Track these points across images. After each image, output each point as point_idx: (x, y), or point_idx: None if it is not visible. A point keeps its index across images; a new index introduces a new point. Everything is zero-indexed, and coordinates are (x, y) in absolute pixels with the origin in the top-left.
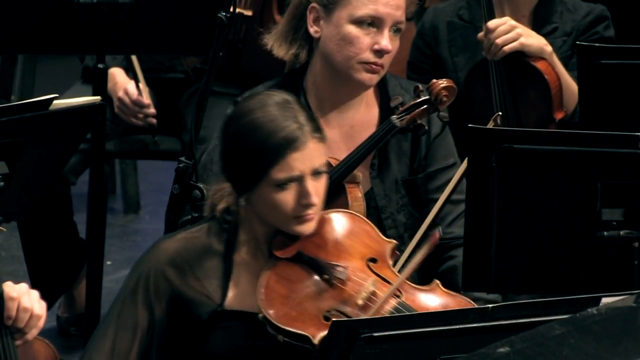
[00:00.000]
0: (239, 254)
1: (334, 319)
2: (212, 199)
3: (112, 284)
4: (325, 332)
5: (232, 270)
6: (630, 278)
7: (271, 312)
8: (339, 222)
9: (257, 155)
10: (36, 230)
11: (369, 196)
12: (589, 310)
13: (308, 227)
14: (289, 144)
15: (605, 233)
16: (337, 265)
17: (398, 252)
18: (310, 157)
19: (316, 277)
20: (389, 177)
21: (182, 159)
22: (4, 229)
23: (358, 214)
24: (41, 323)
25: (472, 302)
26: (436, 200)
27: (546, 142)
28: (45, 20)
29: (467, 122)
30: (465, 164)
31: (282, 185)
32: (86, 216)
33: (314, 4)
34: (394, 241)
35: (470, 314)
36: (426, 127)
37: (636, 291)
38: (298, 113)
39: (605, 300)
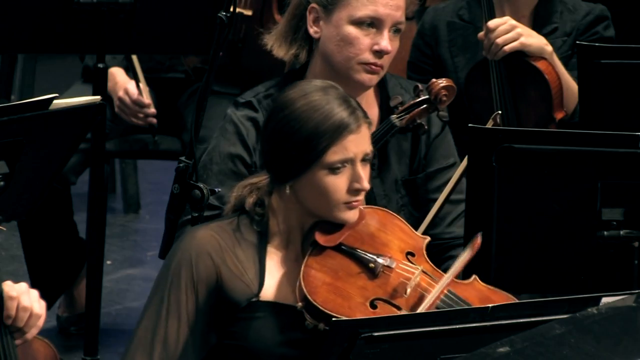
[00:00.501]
0: (271, 245)
1: (333, 319)
2: (240, 193)
3: (112, 284)
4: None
5: (266, 260)
6: (630, 278)
7: (317, 298)
8: (374, 217)
9: (312, 139)
10: (36, 229)
11: (369, 196)
12: (589, 309)
13: (354, 215)
14: (345, 127)
15: (606, 233)
16: (382, 255)
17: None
18: (363, 141)
19: (360, 266)
20: (389, 177)
21: (182, 158)
22: (4, 229)
23: (389, 211)
24: (41, 322)
25: (511, 296)
26: (436, 200)
27: (546, 142)
28: (45, 20)
29: (467, 122)
30: (464, 163)
31: (335, 168)
32: (86, 216)
33: (313, 5)
34: (428, 237)
35: (470, 313)
36: (426, 127)
37: (636, 291)
38: (347, 97)
39: (605, 300)
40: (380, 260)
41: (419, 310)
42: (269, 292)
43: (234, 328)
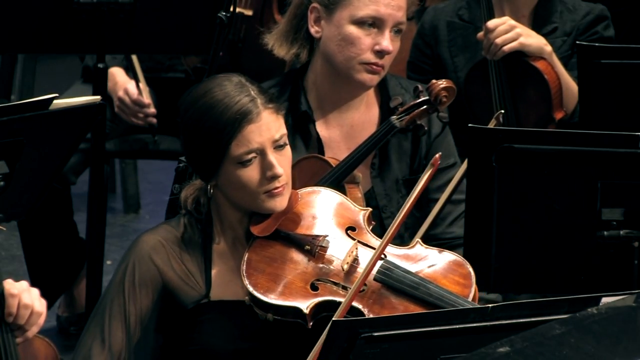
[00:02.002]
0: (217, 244)
1: (333, 319)
2: (185, 195)
3: None
4: (314, 301)
5: (213, 260)
6: (630, 278)
7: (257, 289)
8: (312, 198)
9: (214, 134)
10: (36, 229)
11: (369, 195)
12: (589, 309)
13: (280, 203)
14: (243, 117)
15: (605, 233)
16: (317, 236)
17: (374, 222)
18: (268, 129)
19: (297, 250)
20: (390, 177)
21: (182, 158)
22: (4, 229)
23: (328, 189)
24: (41, 320)
25: (457, 255)
26: (436, 199)
27: (546, 142)
28: (45, 20)
29: (467, 122)
30: (466, 164)
31: (244, 162)
32: (86, 216)
33: (315, 4)
34: (369, 208)
35: (470, 313)
36: (426, 128)
37: (636, 291)
38: (248, 87)
39: (605, 299)
40: (316, 240)
41: (354, 283)
42: (218, 291)
43: (190, 332)
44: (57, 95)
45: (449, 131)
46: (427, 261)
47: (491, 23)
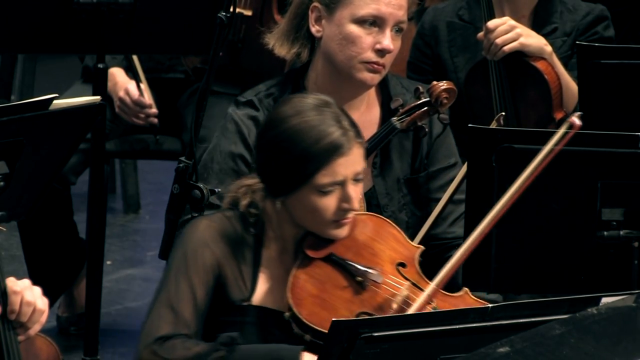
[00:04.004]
0: (266, 250)
1: (333, 319)
2: (235, 193)
3: (112, 284)
4: None
5: (261, 266)
6: (630, 278)
7: (302, 311)
8: (368, 225)
9: (301, 160)
10: (36, 230)
11: (370, 194)
12: (589, 310)
13: (344, 232)
14: (335, 150)
15: (605, 233)
16: (370, 268)
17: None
18: (354, 163)
19: (348, 279)
20: (391, 176)
21: (182, 158)
22: (4, 229)
23: (384, 218)
24: (44, 318)
25: None
26: (438, 199)
27: (546, 142)
28: (45, 20)
29: (467, 122)
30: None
31: (325, 191)
32: (86, 216)
33: (316, 4)
34: (422, 247)
35: (470, 313)
36: (427, 129)
37: (636, 291)
38: (341, 117)
39: (605, 300)
40: (368, 273)
41: None
42: (259, 296)
43: (224, 330)
44: (57, 95)
45: (450, 131)
46: None
47: (491, 23)
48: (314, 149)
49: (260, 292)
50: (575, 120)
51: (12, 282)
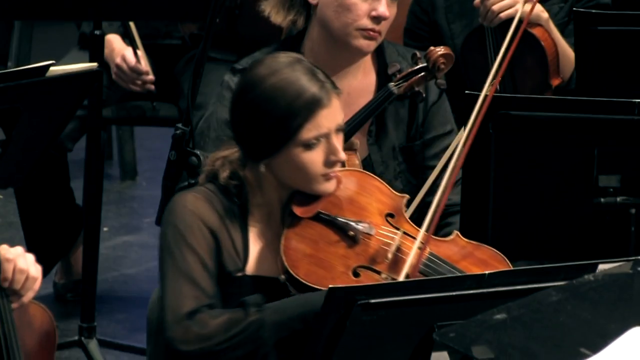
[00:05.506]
0: (252, 218)
1: (330, 286)
2: (212, 167)
3: (109, 251)
4: None
5: (249, 233)
6: (626, 245)
7: (299, 271)
8: (351, 180)
9: (284, 118)
10: (33, 196)
11: (366, 163)
12: (586, 276)
13: (332, 185)
14: (317, 103)
15: (602, 199)
16: (361, 222)
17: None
18: (335, 114)
19: (340, 235)
20: (387, 144)
21: (179, 125)
22: (1, 196)
23: (366, 172)
24: (37, 286)
25: (496, 250)
26: (433, 167)
27: (543, 109)
28: None
29: (463, 89)
30: (463, 131)
31: (311, 145)
32: (83, 182)
33: None
34: (407, 195)
35: (466, 280)
36: (424, 95)
37: (633, 258)
38: (315, 71)
39: (601, 267)
40: (359, 226)
41: (401, 274)
42: (252, 265)
43: (225, 300)
44: (53, 62)
45: (446, 98)
46: (467, 255)
47: None
48: (295, 105)
49: (253, 261)
50: None
51: (4, 250)
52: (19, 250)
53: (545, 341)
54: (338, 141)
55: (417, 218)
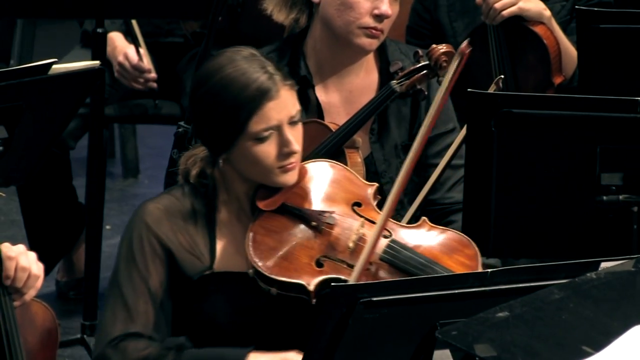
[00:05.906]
0: (221, 214)
1: (333, 284)
2: (185, 166)
3: (111, 249)
4: (319, 278)
5: (217, 231)
6: (629, 242)
7: (262, 264)
8: (319, 171)
9: (232, 110)
10: (35, 194)
11: (368, 161)
12: (588, 274)
13: (291, 177)
14: (263, 95)
15: (605, 197)
16: (324, 212)
17: (380, 196)
18: (285, 106)
19: (303, 226)
20: (389, 142)
21: (181, 123)
22: (3, 194)
23: (335, 162)
24: (39, 284)
25: (463, 234)
26: (436, 165)
27: (545, 107)
28: None
29: (466, 87)
30: (465, 129)
31: (261, 138)
32: (85, 181)
33: None
34: (376, 184)
35: (469, 278)
36: (426, 93)
37: (635, 256)
38: (266, 64)
39: (604, 264)
40: (322, 216)
41: (358, 262)
42: (222, 262)
43: (194, 304)
44: (56, 60)
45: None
46: (433, 240)
47: None
48: (242, 97)
49: (222, 257)
50: (464, 48)
51: (6, 248)
52: (21, 248)
53: (547, 339)
54: (293, 133)
55: (419, 216)
